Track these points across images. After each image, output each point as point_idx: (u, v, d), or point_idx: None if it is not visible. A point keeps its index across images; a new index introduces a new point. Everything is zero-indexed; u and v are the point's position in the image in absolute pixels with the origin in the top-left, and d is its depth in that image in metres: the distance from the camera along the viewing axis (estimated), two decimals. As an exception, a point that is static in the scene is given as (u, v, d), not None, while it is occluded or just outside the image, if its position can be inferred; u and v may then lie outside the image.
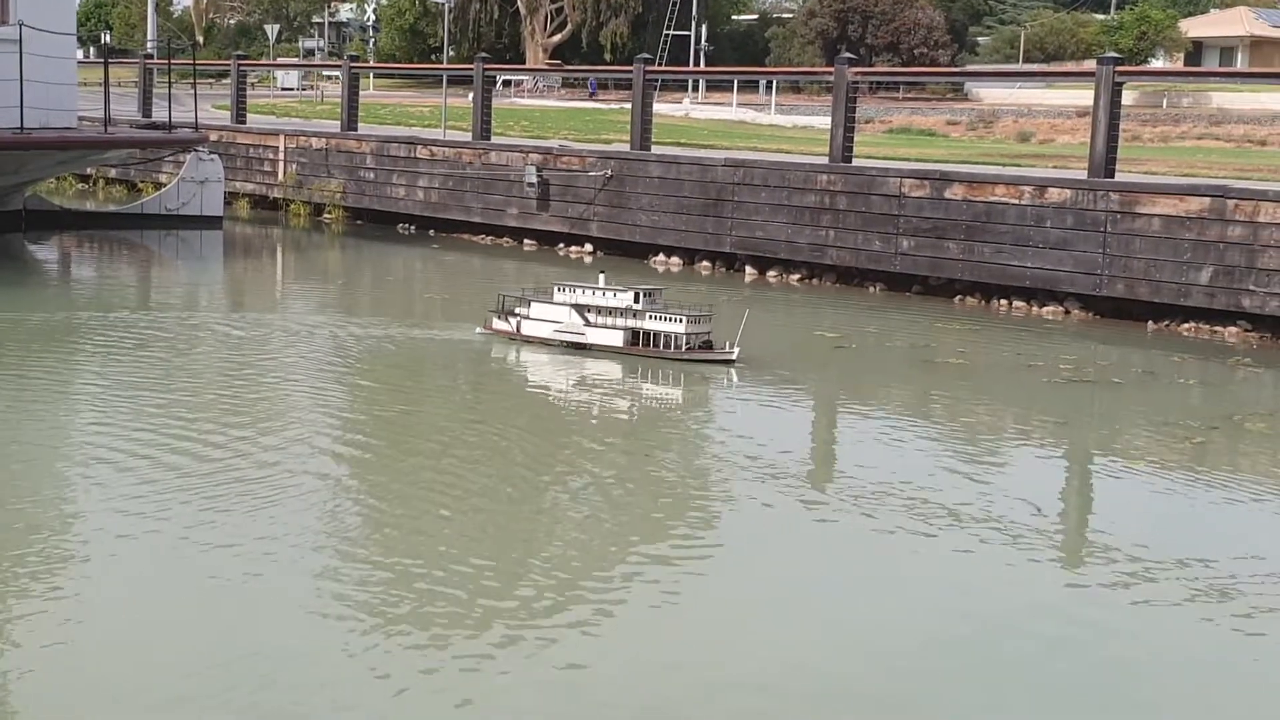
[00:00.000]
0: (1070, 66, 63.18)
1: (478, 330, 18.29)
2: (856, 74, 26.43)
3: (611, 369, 16.72)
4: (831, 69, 26.81)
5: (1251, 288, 20.08)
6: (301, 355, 17.14)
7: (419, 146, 32.36)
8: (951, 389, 16.69)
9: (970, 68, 65.29)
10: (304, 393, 14.92)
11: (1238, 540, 10.82)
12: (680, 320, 16.78)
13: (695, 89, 66.16)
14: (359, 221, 33.40)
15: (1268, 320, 20.13)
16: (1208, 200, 20.58)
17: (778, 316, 22.09)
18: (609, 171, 28.18)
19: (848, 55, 27.33)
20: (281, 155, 35.41)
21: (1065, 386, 16.86)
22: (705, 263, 26.86)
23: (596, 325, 17.23)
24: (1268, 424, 15.39)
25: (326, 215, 33.78)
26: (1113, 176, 22.34)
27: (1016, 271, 22.48)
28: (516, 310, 17.83)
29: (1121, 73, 22.99)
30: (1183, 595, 9.42)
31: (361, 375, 16.39)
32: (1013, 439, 14.52)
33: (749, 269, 26.22)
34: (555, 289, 17.72)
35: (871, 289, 24.38)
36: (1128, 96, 28.79)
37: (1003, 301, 22.90)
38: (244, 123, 38.43)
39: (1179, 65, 71.46)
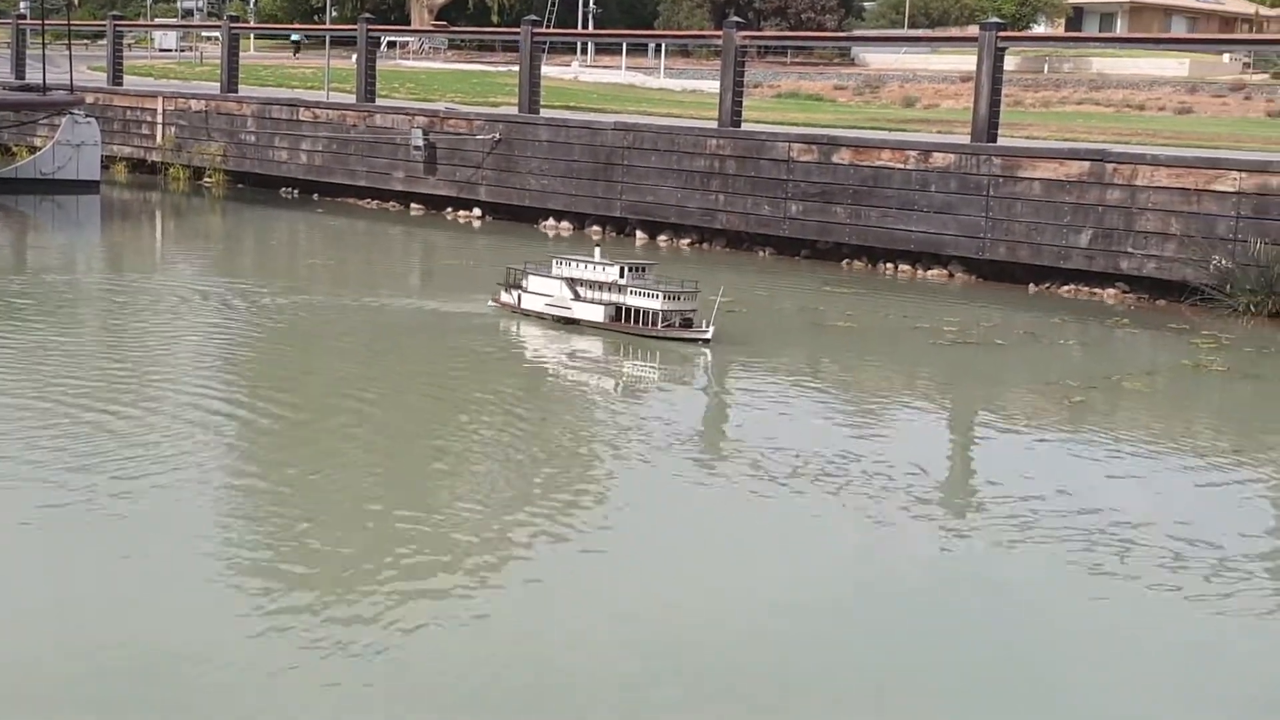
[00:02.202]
0: (954, 32, 63.93)
1: (489, 303, 18.11)
2: (745, 38, 26.47)
3: (587, 345, 16.30)
4: (720, 33, 26.84)
5: (1129, 250, 20.52)
6: (194, 320, 16.79)
7: (301, 109, 31.83)
8: (839, 351, 16.85)
9: (857, 33, 65.79)
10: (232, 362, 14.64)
11: (1117, 495, 11.06)
12: (657, 297, 16.46)
13: (584, 52, 65.88)
14: (240, 185, 32.79)
15: (1145, 282, 20.60)
16: (1087, 164, 20.96)
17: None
18: (497, 135, 27.96)
19: (736, 19, 27.35)
20: (160, 118, 34.63)
21: (949, 348, 17.10)
22: (596, 227, 26.79)
23: (584, 300, 17.01)
24: (1144, 383, 15.77)
25: (207, 179, 33.11)
26: (995, 141, 22.66)
27: (902, 235, 22.73)
28: (521, 284, 17.62)
29: (1004, 38, 23.30)
30: (1066, 550, 9.60)
31: (333, 352, 16.11)
32: (900, 400, 14.69)
33: (640, 233, 26.21)
34: (554, 262, 17.46)
35: (761, 253, 24.51)
36: (1010, 62, 29.20)
37: (889, 265, 23.16)
38: (121, 84, 37.49)
39: (1060, 31, 72.73)
